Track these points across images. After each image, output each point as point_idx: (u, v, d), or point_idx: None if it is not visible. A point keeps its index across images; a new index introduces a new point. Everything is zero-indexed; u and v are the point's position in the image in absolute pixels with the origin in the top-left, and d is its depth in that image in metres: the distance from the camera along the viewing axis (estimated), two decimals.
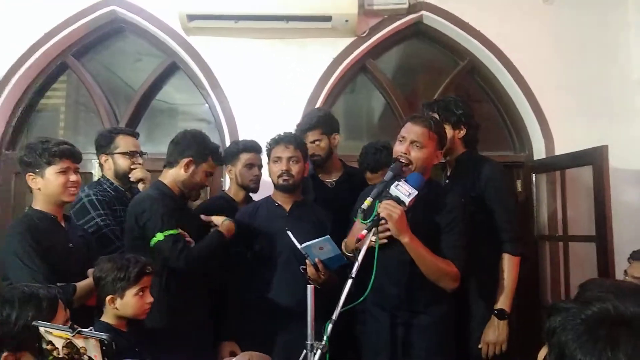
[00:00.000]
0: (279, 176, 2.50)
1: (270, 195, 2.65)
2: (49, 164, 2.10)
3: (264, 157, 2.82)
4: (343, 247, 2.26)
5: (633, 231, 3.51)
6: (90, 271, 2.10)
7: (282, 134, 2.61)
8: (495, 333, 2.35)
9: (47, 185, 2.11)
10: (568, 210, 3.58)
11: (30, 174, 2.12)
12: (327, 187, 2.89)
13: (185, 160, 2.41)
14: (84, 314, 2.03)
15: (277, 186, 2.54)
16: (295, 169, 2.51)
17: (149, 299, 2.03)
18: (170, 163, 2.45)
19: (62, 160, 2.12)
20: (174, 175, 2.43)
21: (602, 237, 3.21)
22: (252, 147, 2.85)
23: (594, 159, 3.31)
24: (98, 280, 2.00)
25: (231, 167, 2.86)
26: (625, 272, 2.07)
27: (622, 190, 3.58)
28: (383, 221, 1.98)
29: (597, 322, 0.73)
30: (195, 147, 2.44)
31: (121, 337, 1.96)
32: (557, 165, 3.68)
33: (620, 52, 3.82)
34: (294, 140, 2.58)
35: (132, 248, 2.31)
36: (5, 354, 1.22)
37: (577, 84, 3.78)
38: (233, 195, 2.87)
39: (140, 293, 2.00)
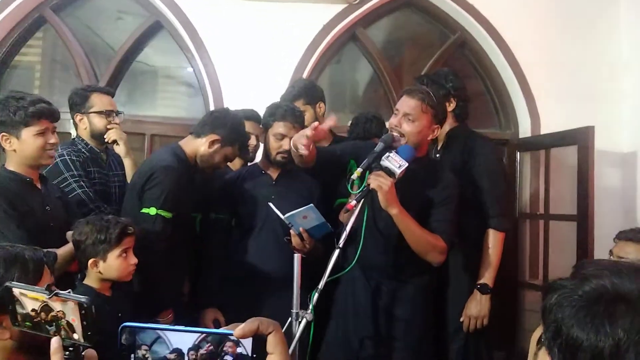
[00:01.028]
0: (279, 153, 2.43)
1: (257, 163, 2.60)
2: (26, 124, 1.96)
3: None
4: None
5: (614, 212, 3.56)
6: (69, 234, 2.02)
7: (285, 107, 2.50)
8: (477, 307, 2.38)
9: (23, 148, 1.98)
10: (551, 189, 3.60)
11: (4, 134, 1.97)
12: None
13: (214, 137, 2.35)
14: (66, 280, 1.96)
15: (273, 161, 2.47)
16: None
17: (133, 260, 1.96)
18: (197, 133, 2.38)
19: (40, 120, 1.98)
20: (196, 146, 2.37)
21: (584, 216, 3.24)
22: (251, 116, 2.78)
23: (579, 139, 3.32)
24: (77, 244, 1.92)
25: None
26: (611, 252, 2.09)
27: (605, 172, 3.61)
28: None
29: (595, 299, 0.72)
30: (229, 129, 2.38)
31: (104, 301, 1.91)
32: (542, 144, 3.69)
33: (610, 33, 3.81)
34: (299, 119, 2.49)
35: (127, 201, 2.30)
36: None
37: (566, 64, 3.77)
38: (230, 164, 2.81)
39: (124, 254, 1.93)
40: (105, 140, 2.59)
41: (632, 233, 2.06)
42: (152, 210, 2.17)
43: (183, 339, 0.74)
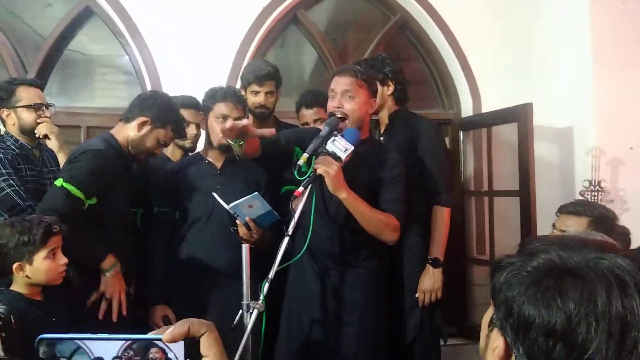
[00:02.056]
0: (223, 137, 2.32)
1: (199, 152, 2.52)
2: None
3: None
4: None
5: (554, 186, 3.71)
6: None
7: (226, 88, 2.44)
8: (431, 281, 2.43)
9: None
10: (493, 166, 3.69)
11: None
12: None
13: (142, 119, 2.22)
14: None
15: (217, 146, 2.37)
16: None
17: (62, 260, 1.84)
18: (127, 118, 2.26)
19: None
20: (126, 132, 2.25)
21: (525, 192, 3.35)
22: (190, 103, 2.66)
23: (519, 116, 3.41)
24: None
25: None
26: (554, 225, 2.16)
27: (545, 147, 3.74)
28: None
29: (544, 274, 0.71)
30: (158, 109, 2.25)
31: (35, 307, 1.79)
32: (483, 122, 3.77)
33: (545, 13, 3.92)
34: (242, 100, 2.45)
35: None
36: None
37: (505, 44, 3.86)
38: (169, 154, 2.70)
39: (52, 255, 1.81)
40: (36, 135, 2.45)
41: (572, 206, 2.13)
42: (59, 182, 2.07)
43: (106, 347, 0.68)
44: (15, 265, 1.77)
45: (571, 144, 3.81)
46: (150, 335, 0.68)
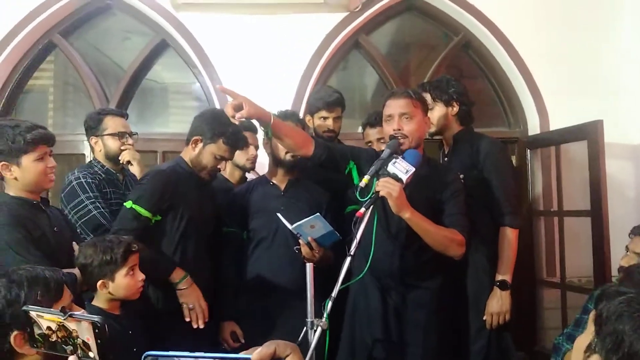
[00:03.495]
0: (287, 152, 2.44)
1: (264, 175, 2.62)
2: (25, 152, 1.97)
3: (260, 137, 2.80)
4: None
5: (628, 205, 3.54)
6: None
7: (285, 111, 2.59)
8: (499, 303, 2.39)
9: (25, 175, 1.99)
10: (563, 185, 3.58)
11: (4, 162, 1.97)
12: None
13: (194, 137, 2.35)
14: (75, 302, 1.98)
15: (283, 162, 2.48)
16: None
17: (141, 276, 1.99)
18: (187, 140, 2.40)
19: (38, 146, 2.00)
20: (188, 153, 2.39)
21: (597, 211, 3.22)
22: (249, 127, 2.78)
23: (588, 133, 3.31)
24: (84, 267, 1.93)
25: None
26: (627, 247, 2.08)
27: (616, 165, 3.59)
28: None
29: None
30: (206, 125, 2.33)
31: (114, 321, 1.92)
32: (551, 140, 3.68)
33: (613, 27, 3.80)
34: (300, 119, 2.60)
35: None
36: (15, 332, 1.19)
37: (571, 59, 3.76)
38: (228, 175, 2.84)
39: (131, 272, 1.95)
40: (120, 161, 2.65)
41: None
42: (128, 204, 2.21)
43: None
44: (99, 283, 1.91)
45: None
46: (240, 355, 0.74)
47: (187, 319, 2.22)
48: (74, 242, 2.12)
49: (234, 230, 2.49)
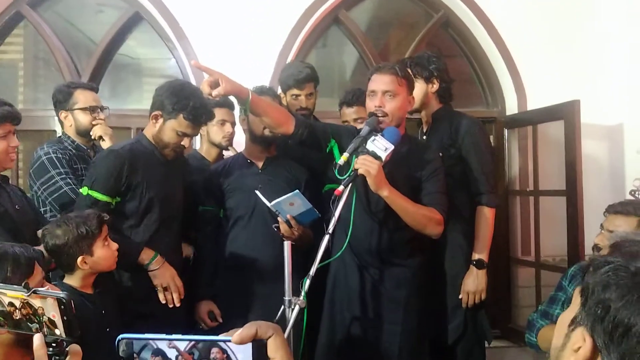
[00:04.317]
0: (265, 128, 2.36)
1: (241, 152, 2.58)
2: None
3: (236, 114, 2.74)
4: None
5: (603, 185, 3.60)
6: (40, 233, 1.97)
7: (260, 86, 2.52)
8: (475, 282, 2.41)
9: None
10: (539, 165, 3.62)
11: None
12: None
13: (154, 113, 2.21)
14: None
15: (261, 138, 2.41)
16: None
17: (114, 245, 1.94)
18: (149, 114, 2.24)
19: (3, 124, 1.92)
20: (149, 129, 2.26)
21: (572, 191, 3.26)
22: (225, 103, 2.70)
23: (565, 113, 3.33)
24: (58, 249, 1.85)
25: None
26: (602, 226, 2.10)
27: (592, 145, 3.63)
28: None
29: None
30: (166, 99, 2.16)
31: (87, 299, 1.88)
32: (529, 120, 3.70)
33: (592, 7, 3.80)
34: (277, 94, 2.53)
35: None
36: None
37: (550, 40, 3.77)
38: (205, 153, 2.78)
39: (106, 243, 1.91)
40: (91, 136, 2.57)
41: (620, 206, 2.07)
42: (84, 190, 2.13)
43: (174, 345, 0.72)
44: (79, 259, 1.85)
45: (621, 141, 3.70)
46: (220, 337, 0.71)
47: (163, 301, 2.15)
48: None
49: (211, 208, 2.45)
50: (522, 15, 3.76)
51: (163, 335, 0.73)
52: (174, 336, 0.72)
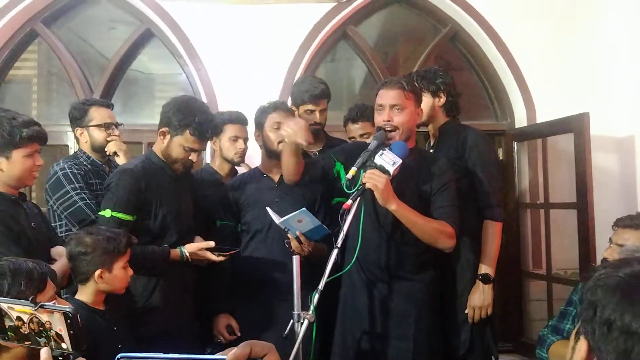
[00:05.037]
0: (280, 142, 2.36)
1: (257, 167, 2.59)
2: (18, 146, 1.91)
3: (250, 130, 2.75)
4: None
5: (613, 198, 3.57)
6: (57, 251, 2.00)
7: (274, 102, 2.54)
8: (481, 297, 2.39)
9: (11, 168, 1.93)
10: (549, 178, 3.60)
11: None
12: (311, 157, 2.84)
13: (161, 129, 2.24)
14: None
15: (276, 153, 2.40)
16: None
17: (130, 272, 1.96)
18: (158, 131, 2.28)
19: (32, 143, 1.95)
20: (158, 145, 2.29)
21: (583, 203, 3.25)
22: (238, 119, 2.72)
23: (575, 126, 3.33)
24: (81, 255, 1.87)
25: (215, 138, 2.75)
26: (611, 240, 2.08)
27: (603, 158, 3.61)
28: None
29: (634, 279, 0.72)
30: (171, 115, 2.18)
31: (98, 316, 1.89)
32: (538, 133, 3.69)
33: (600, 20, 3.81)
34: (290, 109, 2.54)
35: None
36: None
37: (559, 53, 3.78)
38: (217, 168, 2.79)
39: (126, 266, 1.93)
40: (106, 152, 2.61)
41: (629, 220, 2.04)
42: (107, 213, 2.14)
43: None
44: (97, 272, 1.86)
45: (632, 154, 3.67)
46: (215, 356, 0.72)
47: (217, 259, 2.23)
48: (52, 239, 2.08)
49: (229, 222, 2.46)
50: (530, 28, 3.77)
51: (161, 355, 0.73)
52: (171, 355, 0.72)
